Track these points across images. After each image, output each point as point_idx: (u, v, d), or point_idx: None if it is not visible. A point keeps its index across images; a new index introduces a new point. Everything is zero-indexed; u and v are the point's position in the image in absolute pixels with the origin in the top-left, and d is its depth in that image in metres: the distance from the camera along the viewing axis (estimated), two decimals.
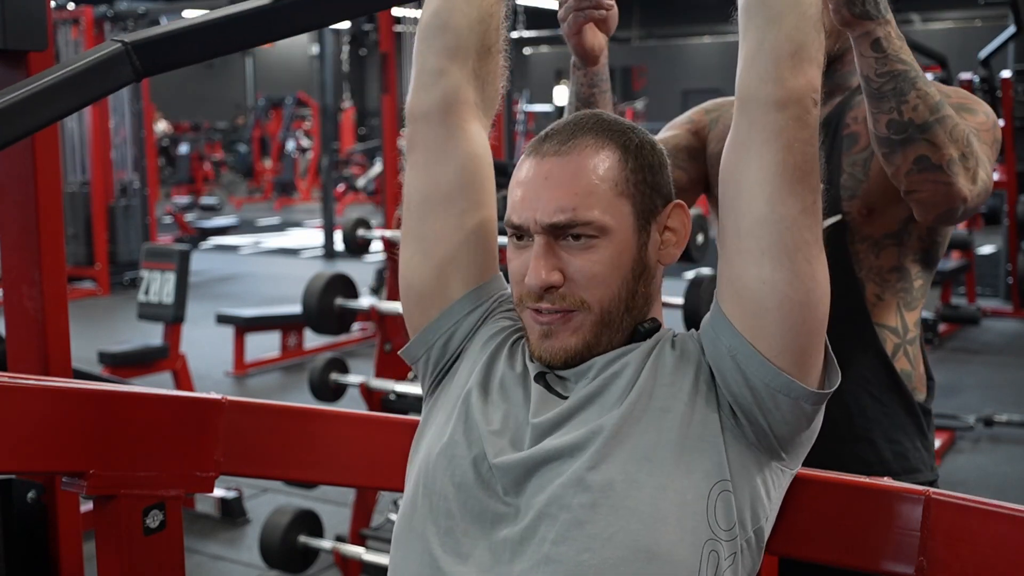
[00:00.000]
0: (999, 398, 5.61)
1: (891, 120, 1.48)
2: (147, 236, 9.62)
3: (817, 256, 1.13)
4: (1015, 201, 7.47)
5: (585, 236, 1.17)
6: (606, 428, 1.14)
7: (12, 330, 1.72)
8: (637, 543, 1.08)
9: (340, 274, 4.02)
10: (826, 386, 1.17)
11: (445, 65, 1.31)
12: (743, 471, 1.14)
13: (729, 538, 1.12)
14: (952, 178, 1.48)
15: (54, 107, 1.42)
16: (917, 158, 1.48)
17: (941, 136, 1.47)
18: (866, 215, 1.67)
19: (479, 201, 1.31)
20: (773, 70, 1.11)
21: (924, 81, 1.48)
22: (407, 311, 1.33)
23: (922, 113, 1.46)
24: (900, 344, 1.70)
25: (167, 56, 1.53)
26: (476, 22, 1.31)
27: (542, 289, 1.18)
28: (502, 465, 1.16)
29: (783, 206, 1.11)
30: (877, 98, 1.49)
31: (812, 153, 1.13)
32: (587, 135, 1.21)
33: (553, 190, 1.18)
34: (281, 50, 25.27)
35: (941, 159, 1.47)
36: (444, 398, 1.28)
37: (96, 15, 9.50)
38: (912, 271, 1.71)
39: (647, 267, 1.22)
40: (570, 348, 1.20)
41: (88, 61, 1.41)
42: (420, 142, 1.31)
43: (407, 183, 1.33)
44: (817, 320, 1.14)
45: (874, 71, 1.48)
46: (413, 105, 1.33)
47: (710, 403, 1.16)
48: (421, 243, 1.30)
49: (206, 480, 1.56)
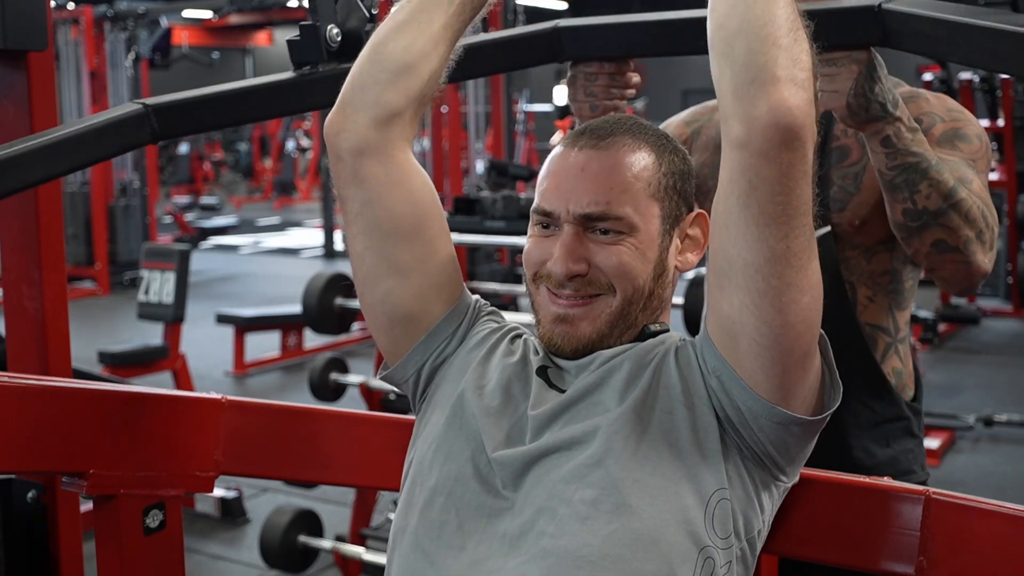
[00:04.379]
0: (999, 398, 5.61)
1: (906, 209, 1.52)
2: (147, 236, 9.62)
3: (792, 300, 1.06)
4: (1015, 201, 7.47)
5: (614, 232, 1.18)
6: (608, 424, 1.13)
7: (12, 330, 1.72)
8: (636, 541, 1.08)
9: (340, 274, 4.02)
10: (826, 408, 1.15)
11: (404, 108, 1.25)
12: (740, 481, 1.14)
13: (725, 547, 1.12)
14: (970, 257, 1.53)
15: (70, 160, 1.49)
16: (935, 242, 1.53)
17: (956, 220, 1.51)
18: (857, 226, 1.68)
19: (440, 218, 1.30)
20: (733, 105, 1.02)
21: (937, 168, 1.50)
22: (390, 342, 1.30)
23: (935, 201, 1.50)
24: (892, 343, 1.72)
25: (185, 122, 1.60)
26: (436, 73, 1.27)
27: (566, 277, 1.18)
28: (501, 459, 1.16)
29: (748, 252, 1.05)
30: (891, 189, 1.52)
31: (782, 196, 1.02)
32: (625, 135, 1.22)
33: (589, 182, 1.19)
34: (281, 49, 25.18)
35: (958, 241, 1.52)
36: (436, 405, 1.27)
37: (96, 15, 9.51)
38: (903, 272, 1.72)
39: (666, 270, 1.23)
40: (584, 337, 1.20)
41: (108, 119, 1.48)
42: (370, 176, 1.24)
43: (359, 219, 1.25)
44: (795, 355, 1.09)
45: (886, 165, 1.51)
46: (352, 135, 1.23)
47: (710, 410, 1.15)
48: (396, 276, 1.26)
49: (206, 480, 1.56)
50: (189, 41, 19.29)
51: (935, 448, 4.71)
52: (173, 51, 11.69)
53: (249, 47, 25.40)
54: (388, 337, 1.30)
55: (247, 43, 24.75)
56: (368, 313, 1.30)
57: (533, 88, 14.92)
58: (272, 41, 24.98)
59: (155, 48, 10.48)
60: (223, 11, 12.82)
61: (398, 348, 1.30)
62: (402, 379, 1.32)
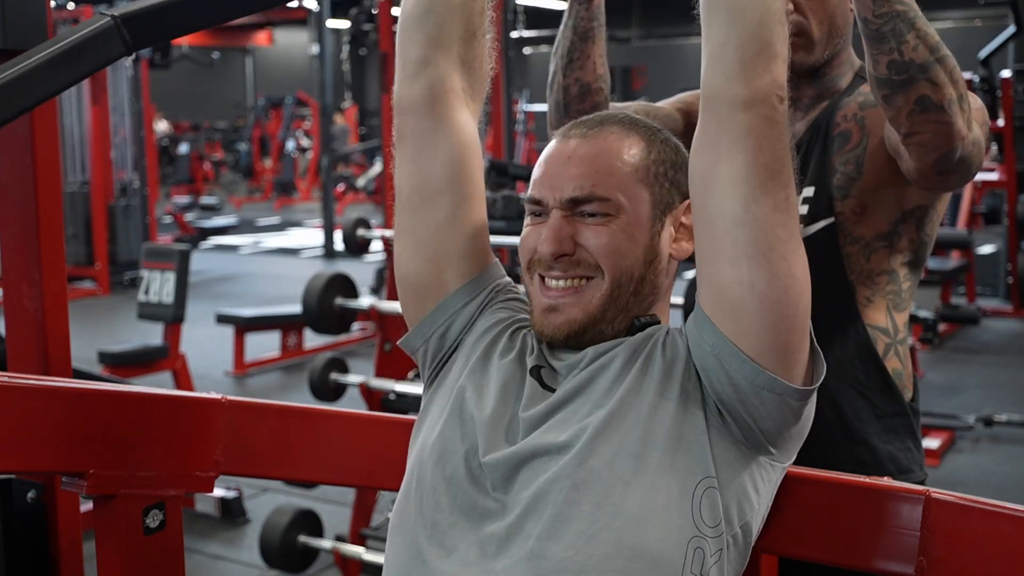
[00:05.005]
0: (999, 398, 5.61)
1: (891, 61, 1.47)
2: (147, 236, 9.61)
3: (794, 251, 1.12)
4: (1015, 201, 7.47)
5: (600, 214, 1.20)
6: (593, 425, 1.14)
7: (12, 330, 1.72)
8: (621, 540, 1.09)
9: (340, 274, 4.02)
10: (813, 380, 1.17)
11: (429, 54, 1.29)
12: (728, 468, 1.14)
13: (715, 535, 1.12)
14: (952, 118, 1.48)
15: (46, 85, 1.41)
16: (919, 98, 1.48)
17: (942, 76, 1.47)
18: (859, 214, 1.67)
19: (469, 192, 1.31)
20: (739, 70, 1.09)
21: (923, 21, 1.47)
22: (404, 304, 1.34)
23: (922, 53, 1.46)
24: (891, 344, 1.72)
25: (156, 28, 1.52)
26: (459, 6, 1.29)
27: (553, 257, 1.20)
28: (491, 462, 1.16)
29: (756, 205, 1.10)
30: (876, 39, 1.48)
31: (782, 150, 1.11)
32: (615, 125, 1.25)
33: (574, 167, 1.21)
34: (281, 50, 25.28)
35: (942, 99, 1.47)
36: (441, 390, 1.28)
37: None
38: (901, 274, 1.72)
39: (658, 255, 1.23)
40: (574, 321, 1.21)
41: (78, 37, 1.40)
42: (408, 134, 1.31)
43: (398, 176, 1.32)
44: (798, 316, 1.13)
45: (871, 11, 1.47)
46: (399, 97, 1.32)
47: (695, 401, 1.16)
48: (414, 236, 1.30)
49: (206, 480, 1.56)
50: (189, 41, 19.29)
51: (935, 448, 4.70)
52: (173, 51, 11.69)
53: (249, 47, 25.43)
54: (403, 297, 1.33)
55: (247, 43, 24.78)
56: (395, 270, 1.33)
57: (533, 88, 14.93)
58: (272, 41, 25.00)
59: (155, 48, 10.48)
60: None
61: (410, 315, 1.33)
62: (413, 348, 1.34)
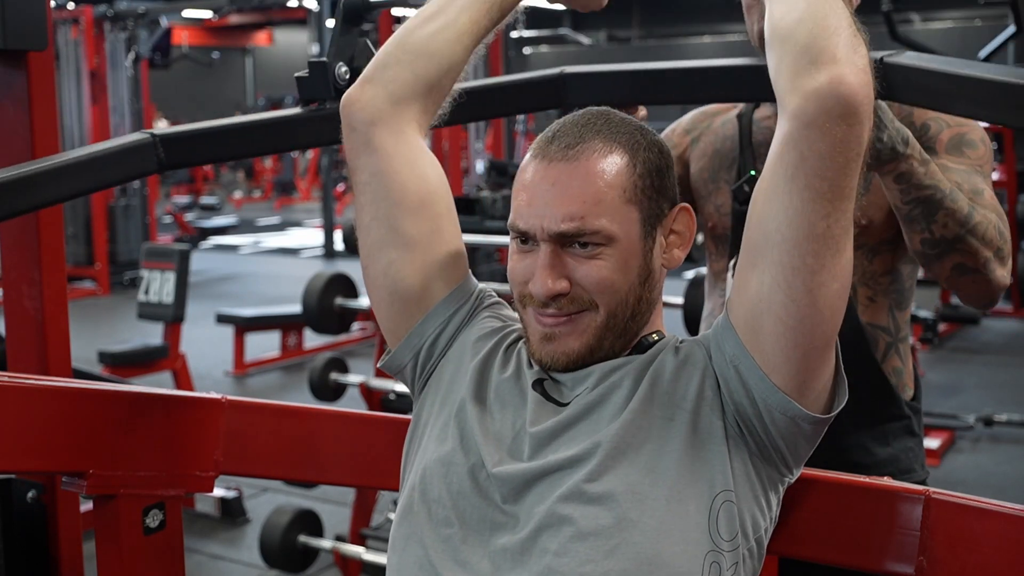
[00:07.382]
0: (999, 398, 5.61)
1: (924, 239, 1.55)
2: (147, 236, 9.62)
3: (823, 283, 1.06)
4: (1015, 201, 7.47)
5: (592, 244, 1.16)
6: (607, 440, 1.12)
7: (12, 330, 1.72)
8: (639, 555, 1.08)
9: (340, 274, 4.03)
10: (833, 408, 1.15)
11: (420, 91, 1.29)
12: (746, 480, 1.13)
13: (731, 548, 1.11)
14: (990, 275, 1.56)
15: (75, 184, 1.52)
16: (955, 266, 1.56)
17: (974, 244, 1.53)
18: (863, 227, 1.68)
19: (448, 201, 1.31)
20: (789, 82, 1.06)
21: (951, 197, 1.52)
22: (389, 318, 1.31)
23: (952, 229, 1.52)
24: (892, 343, 1.72)
25: (190, 152, 1.64)
26: (456, 65, 1.31)
27: (548, 298, 1.16)
28: (501, 475, 1.15)
29: (788, 227, 1.06)
30: (908, 221, 1.55)
31: (832, 172, 1.04)
32: (595, 138, 1.18)
33: (560, 197, 1.15)
34: (281, 49, 25.26)
35: (977, 263, 1.54)
36: (436, 399, 1.27)
37: (96, 15, 9.51)
38: (904, 272, 1.73)
39: (652, 272, 1.20)
40: (572, 352, 1.18)
41: (116, 147, 1.51)
42: (380, 146, 1.28)
43: (368, 188, 1.29)
44: (815, 344, 1.09)
45: (901, 200, 1.53)
46: (367, 106, 1.28)
47: (715, 410, 1.14)
48: (401, 248, 1.27)
49: (206, 480, 1.56)
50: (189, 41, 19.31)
51: (935, 448, 4.71)
52: (173, 51, 11.70)
53: (249, 47, 25.42)
54: (388, 313, 1.30)
55: (247, 43, 24.78)
56: (371, 287, 1.31)
57: None
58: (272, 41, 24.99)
59: (155, 48, 10.49)
60: (223, 11, 12.85)
61: (398, 327, 1.30)
62: (401, 364, 1.31)
